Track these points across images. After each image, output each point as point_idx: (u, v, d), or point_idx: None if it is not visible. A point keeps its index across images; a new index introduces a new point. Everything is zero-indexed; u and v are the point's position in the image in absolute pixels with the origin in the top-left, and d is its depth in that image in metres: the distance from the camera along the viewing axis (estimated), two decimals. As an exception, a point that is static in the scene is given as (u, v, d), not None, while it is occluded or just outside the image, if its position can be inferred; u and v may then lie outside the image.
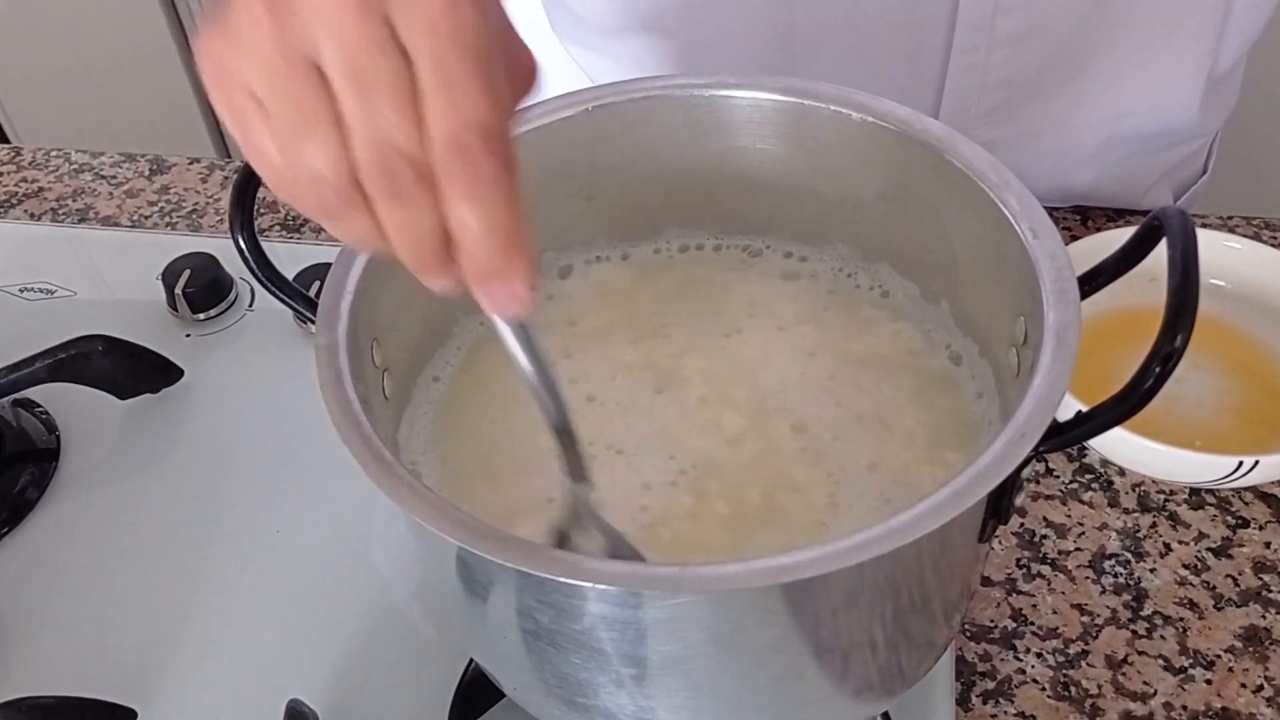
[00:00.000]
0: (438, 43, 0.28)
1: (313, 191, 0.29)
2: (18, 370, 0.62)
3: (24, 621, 0.57)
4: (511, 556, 0.33)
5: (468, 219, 0.29)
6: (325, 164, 0.29)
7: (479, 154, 0.28)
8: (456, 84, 0.28)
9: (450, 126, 0.28)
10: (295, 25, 0.28)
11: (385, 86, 0.28)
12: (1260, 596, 0.55)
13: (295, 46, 0.28)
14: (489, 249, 0.29)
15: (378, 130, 0.28)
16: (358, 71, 0.28)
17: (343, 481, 0.60)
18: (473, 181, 0.28)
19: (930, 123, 0.44)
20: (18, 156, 0.86)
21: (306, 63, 0.28)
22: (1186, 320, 0.33)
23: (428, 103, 0.28)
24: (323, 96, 0.28)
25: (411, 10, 0.28)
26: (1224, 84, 0.71)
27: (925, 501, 0.34)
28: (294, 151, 0.29)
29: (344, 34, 0.28)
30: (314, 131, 0.28)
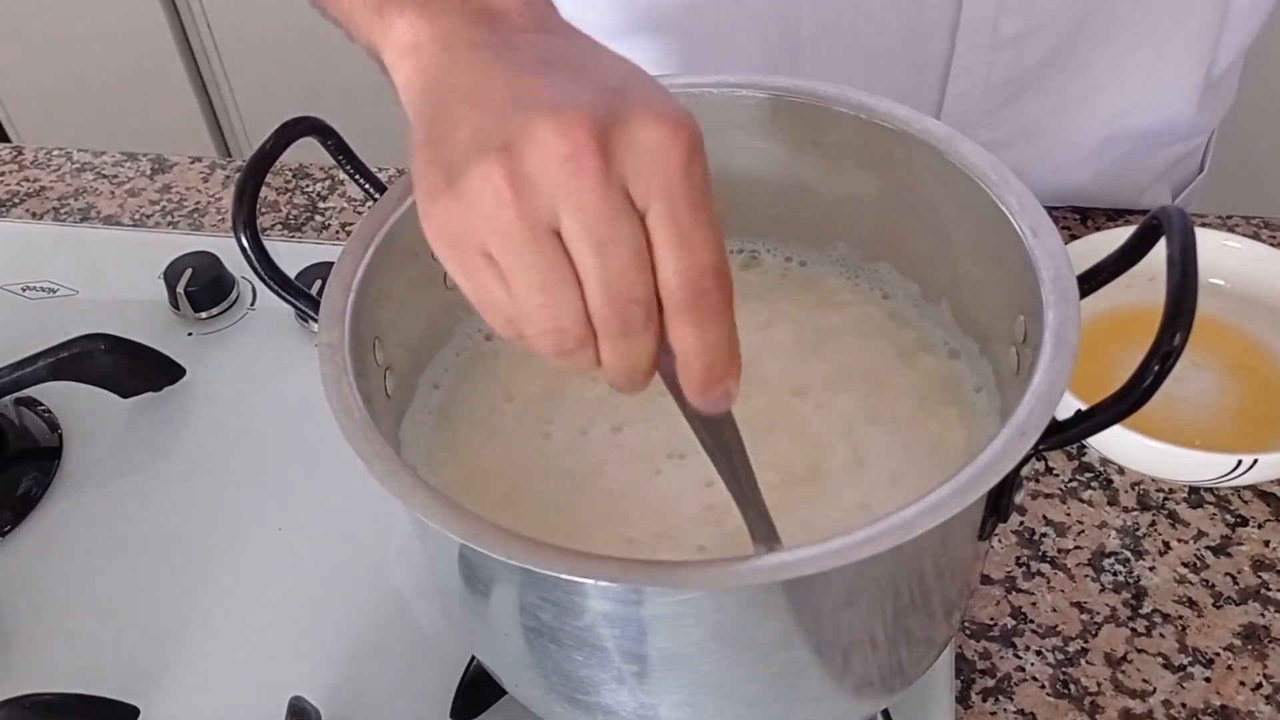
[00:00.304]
0: (674, 203, 0.30)
1: (552, 340, 0.32)
2: (20, 369, 0.62)
3: (27, 619, 0.57)
4: (514, 553, 0.33)
5: (696, 343, 0.32)
6: (568, 318, 0.31)
7: (713, 293, 0.31)
8: (692, 238, 0.31)
9: (687, 274, 0.31)
10: (537, 200, 0.30)
11: (625, 249, 0.30)
12: (1259, 595, 0.55)
13: (538, 218, 0.30)
14: (717, 365, 0.32)
15: (617, 286, 0.31)
16: (599, 239, 0.30)
17: (344, 479, 0.60)
18: (706, 315, 0.31)
19: (930, 122, 0.44)
20: (19, 156, 0.86)
21: (548, 231, 0.31)
22: (1186, 318, 0.33)
23: (662, 252, 0.31)
24: (563, 260, 0.31)
25: (650, 179, 0.30)
26: (1222, 83, 0.71)
27: (925, 499, 0.34)
28: (536, 308, 0.31)
29: (586, 206, 0.30)
30: (556, 291, 0.31)
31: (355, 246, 0.42)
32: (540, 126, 0.30)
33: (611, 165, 0.30)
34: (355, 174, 0.44)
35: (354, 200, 0.81)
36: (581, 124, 0.29)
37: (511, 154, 0.30)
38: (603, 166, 0.30)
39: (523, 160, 0.30)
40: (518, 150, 0.30)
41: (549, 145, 0.30)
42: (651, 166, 0.30)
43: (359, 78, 1.57)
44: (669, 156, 0.30)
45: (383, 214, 0.43)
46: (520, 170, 0.30)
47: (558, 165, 0.30)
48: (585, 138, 0.29)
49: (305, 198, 0.81)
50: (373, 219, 0.43)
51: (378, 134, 0.88)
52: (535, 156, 0.30)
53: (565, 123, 0.30)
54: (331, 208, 0.80)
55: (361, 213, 0.79)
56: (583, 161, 0.29)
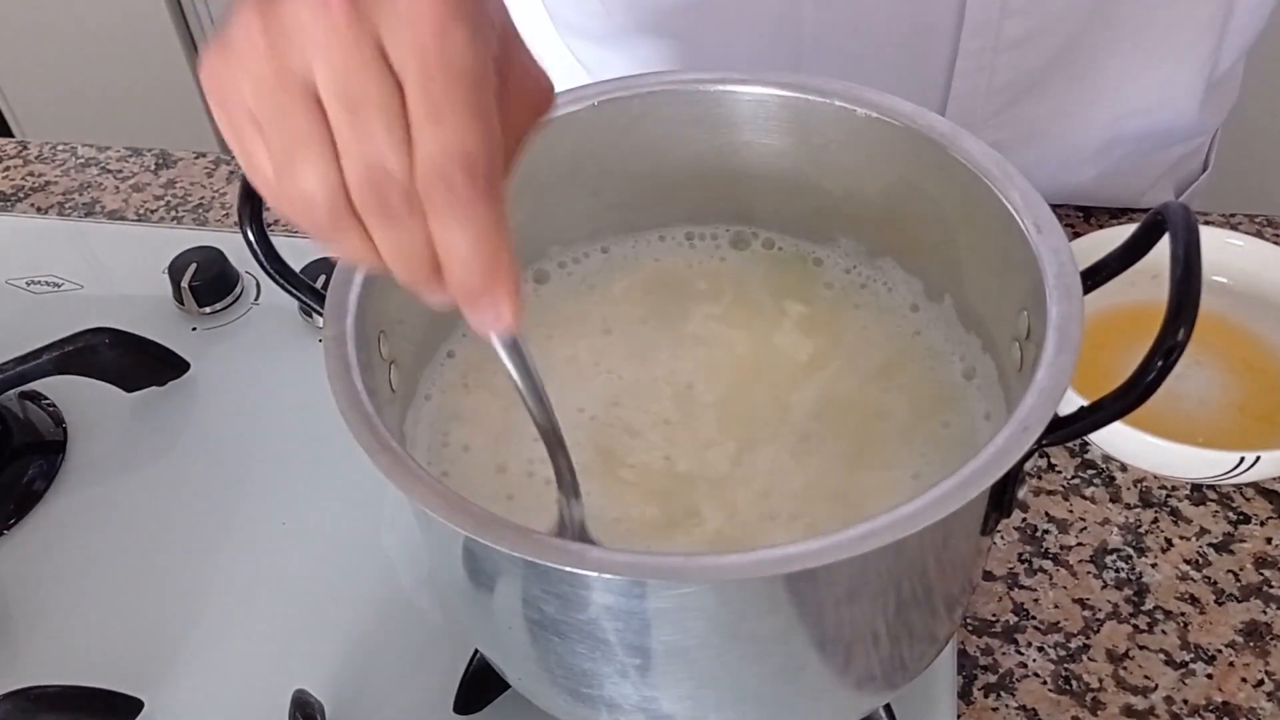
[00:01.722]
0: (425, 68, 0.28)
1: (306, 210, 0.29)
2: (25, 363, 0.62)
3: (31, 612, 0.57)
4: (518, 546, 0.33)
5: (450, 243, 0.29)
6: (317, 184, 0.29)
7: (461, 182, 0.28)
8: (442, 111, 0.28)
9: (433, 153, 0.28)
10: (288, 46, 0.28)
11: (375, 109, 0.28)
12: (1261, 592, 0.55)
13: (289, 67, 0.28)
14: (471, 271, 0.29)
15: (368, 153, 0.28)
16: (348, 94, 0.28)
17: (348, 473, 0.60)
18: (454, 207, 0.29)
19: (935, 118, 0.44)
20: (24, 150, 0.86)
21: (301, 83, 0.28)
22: (1189, 314, 0.33)
23: (414, 128, 0.28)
24: (316, 117, 0.28)
25: (400, 33, 0.28)
26: (1225, 82, 0.71)
27: (928, 494, 0.34)
28: (288, 171, 0.29)
29: (334, 56, 0.28)
30: (307, 152, 0.29)
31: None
32: None
33: (364, 16, 0.27)
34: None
35: (358, 196, 0.81)
36: None
37: (270, 2, 0.28)
38: (353, 13, 0.27)
39: (278, 5, 0.28)
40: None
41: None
42: (405, 25, 0.28)
43: (363, 74, 1.58)
44: (424, 14, 0.28)
45: (388, 208, 0.43)
46: (274, 14, 0.28)
47: (309, 10, 0.28)
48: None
49: (309, 193, 0.81)
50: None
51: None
52: (293, 5, 0.28)
53: None
54: (335, 203, 0.80)
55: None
56: (334, 12, 0.27)
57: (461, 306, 0.31)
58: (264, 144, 0.29)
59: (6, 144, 0.87)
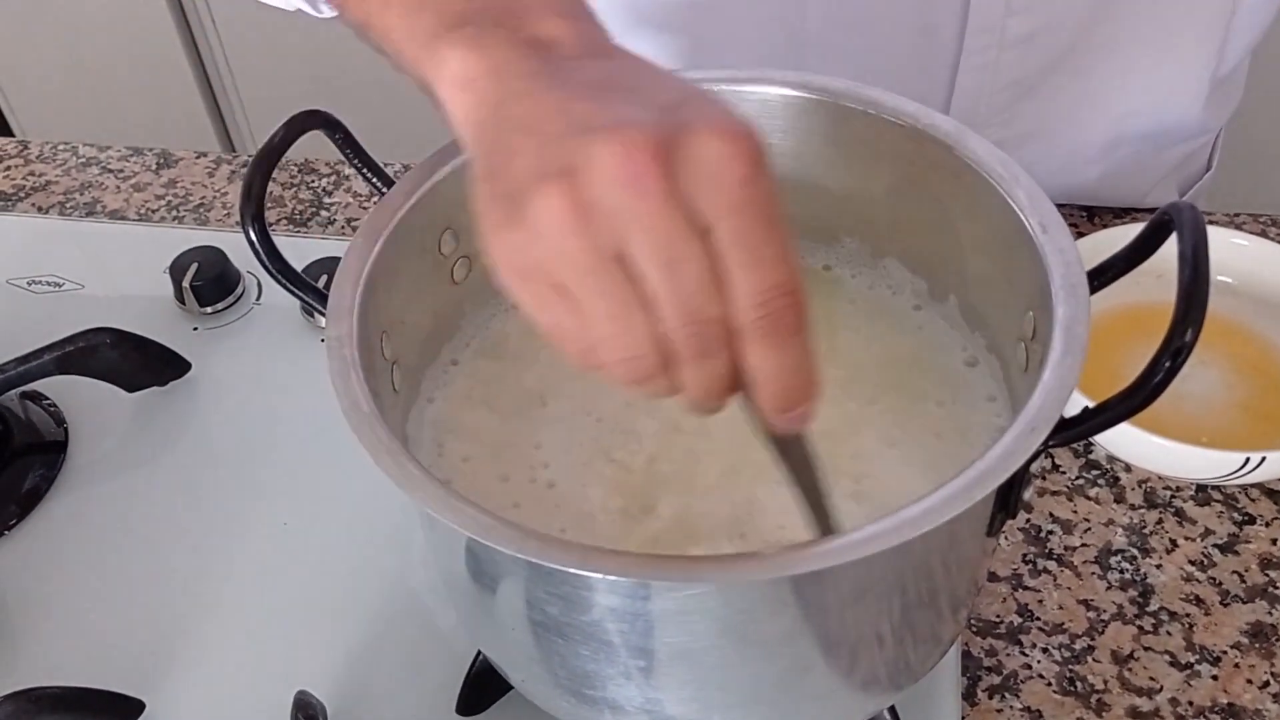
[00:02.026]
0: (739, 219, 0.30)
1: (627, 366, 0.32)
2: (26, 363, 0.62)
3: (32, 612, 0.57)
4: (523, 548, 0.33)
5: (773, 367, 0.31)
6: (642, 345, 0.31)
7: (786, 314, 0.31)
8: (761, 256, 0.30)
9: (758, 293, 0.30)
10: (602, 225, 0.30)
11: (695, 267, 0.30)
12: (1266, 593, 0.55)
13: (604, 244, 0.30)
14: (794, 388, 0.32)
15: (689, 307, 0.30)
16: (668, 259, 0.30)
17: (350, 474, 0.60)
18: (779, 336, 0.31)
19: (939, 118, 0.44)
20: (25, 150, 0.86)
21: (615, 256, 0.30)
22: (1197, 314, 0.33)
23: (733, 273, 0.30)
24: (630, 284, 0.31)
25: (711, 194, 0.29)
26: (1228, 82, 0.71)
27: (935, 495, 0.34)
28: (610, 336, 0.31)
29: (653, 228, 0.29)
30: (628, 318, 0.31)
31: (363, 241, 0.42)
32: (599, 149, 0.29)
33: (674, 183, 0.29)
34: (363, 168, 0.44)
35: (359, 196, 0.80)
36: (641, 144, 0.29)
37: (573, 180, 0.29)
38: (666, 186, 0.29)
39: (585, 186, 0.29)
40: (579, 176, 0.29)
41: (610, 168, 0.29)
42: (714, 182, 0.29)
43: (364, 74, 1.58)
44: (731, 170, 0.29)
45: (390, 208, 0.43)
46: (582, 196, 0.29)
47: (620, 188, 0.29)
48: (646, 158, 0.29)
49: (311, 193, 0.81)
50: (380, 213, 0.43)
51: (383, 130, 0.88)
52: (597, 181, 0.29)
53: (624, 143, 0.29)
54: (337, 203, 0.80)
55: (367, 209, 0.79)
56: (645, 182, 0.29)
57: (771, 416, 0.33)
58: (576, 313, 0.31)
59: (7, 143, 0.87)
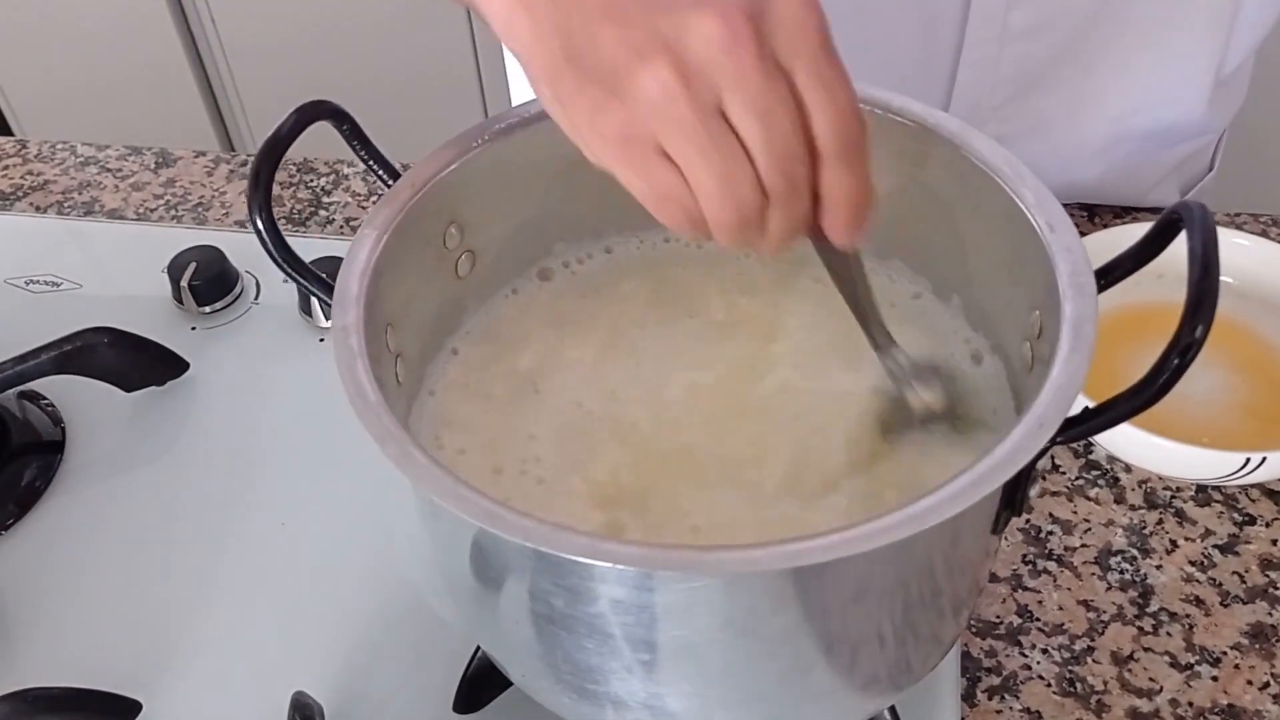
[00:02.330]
0: (811, 55, 0.34)
1: (735, 215, 0.35)
2: (24, 362, 0.62)
3: (30, 613, 0.57)
4: (531, 536, 0.32)
5: (849, 184, 0.36)
6: (746, 191, 0.35)
7: (858, 132, 0.35)
8: (833, 87, 0.35)
9: (836, 121, 0.35)
10: (704, 87, 0.33)
11: (786, 114, 0.34)
12: (1267, 593, 0.55)
13: (707, 103, 0.34)
14: (860, 204, 0.37)
15: (781, 151, 0.34)
16: (763, 110, 0.34)
17: (348, 473, 0.60)
18: (855, 153, 0.35)
19: (944, 117, 0.44)
20: (24, 149, 0.86)
21: (717, 114, 0.34)
22: (1207, 312, 0.33)
23: (813, 106, 0.34)
24: (733, 138, 0.34)
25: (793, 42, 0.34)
26: (1231, 82, 0.71)
27: (941, 490, 0.33)
28: (719, 189, 0.35)
29: (749, 83, 0.33)
30: (734, 167, 0.34)
31: (369, 232, 0.42)
32: (695, 21, 0.33)
33: (763, 42, 0.33)
34: (370, 160, 0.44)
35: (358, 195, 0.80)
36: (734, 13, 0.33)
37: (675, 50, 0.33)
38: (759, 46, 0.33)
39: (687, 54, 0.33)
40: (679, 46, 0.33)
41: (709, 35, 0.33)
42: (796, 36, 0.34)
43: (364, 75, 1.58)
44: (809, 25, 0.34)
45: (397, 201, 0.43)
46: (686, 63, 0.33)
47: (720, 51, 0.33)
48: (740, 23, 0.33)
49: (309, 192, 0.81)
50: (388, 205, 0.43)
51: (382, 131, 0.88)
52: (698, 48, 0.33)
53: (719, 13, 0.33)
54: (335, 202, 0.80)
55: (365, 208, 0.79)
56: (742, 43, 0.33)
57: (836, 234, 0.37)
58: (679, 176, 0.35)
59: (6, 143, 0.87)
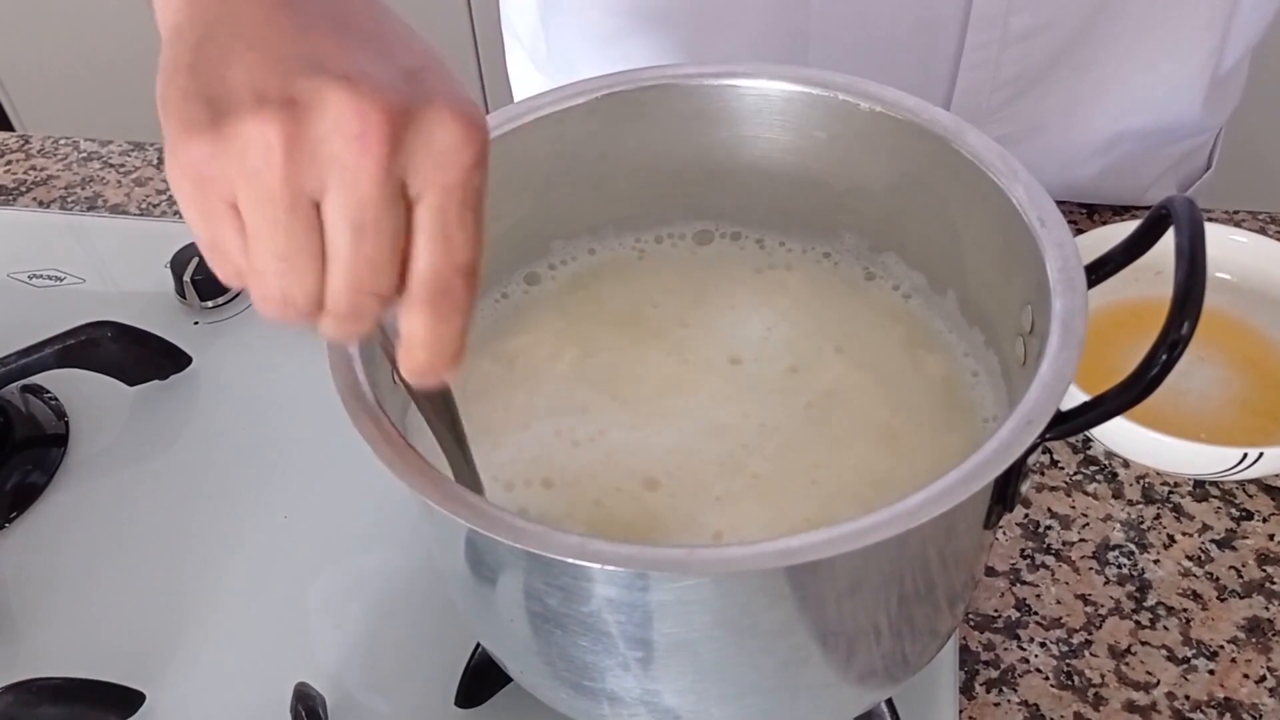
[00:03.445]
0: (449, 203, 0.30)
1: (276, 308, 0.31)
2: (27, 356, 0.62)
3: (33, 605, 0.57)
4: (521, 538, 0.33)
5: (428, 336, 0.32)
6: (300, 293, 0.30)
7: (459, 292, 0.31)
8: (452, 235, 0.30)
9: (441, 272, 0.30)
10: (308, 167, 0.29)
11: (385, 240, 0.29)
12: (1264, 588, 0.55)
13: (302, 186, 0.29)
14: (440, 357, 0.32)
15: (361, 275, 0.30)
16: (361, 224, 0.29)
17: (350, 467, 0.60)
18: (447, 309, 0.31)
19: (938, 112, 0.44)
20: (26, 145, 0.86)
21: (308, 200, 0.29)
22: (1193, 307, 0.33)
23: (422, 245, 0.30)
24: (314, 232, 0.29)
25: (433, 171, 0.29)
26: (1228, 80, 0.71)
27: (932, 486, 0.34)
28: (272, 273, 0.30)
29: (360, 189, 0.29)
30: (297, 263, 0.30)
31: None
32: (334, 95, 0.28)
33: (397, 152, 0.29)
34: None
35: (360, 191, 0.81)
36: (379, 105, 0.28)
37: (296, 115, 0.28)
38: (388, 152, 0.28)
39: (307, 125, 0.28)
40: (304, 113, 0.28)
41: (339, 118, 0.28)
42: (438, 162, 0.29)
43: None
44: (459, 156, 0.29)
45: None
46: (301, 134, 0.28)
47: (343, 140, 0.28)
48: (379, 120, 0.28)
49: (311, 188, 0.81)
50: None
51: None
52: (321, 125, 0.28)
53: (362, 99, 0.28)
54: (338, 198, 0.80)
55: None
56: (369, 143, 0.28)
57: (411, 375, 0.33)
58: (242, 237, 0.30)
59: (9, 138, 0.87)
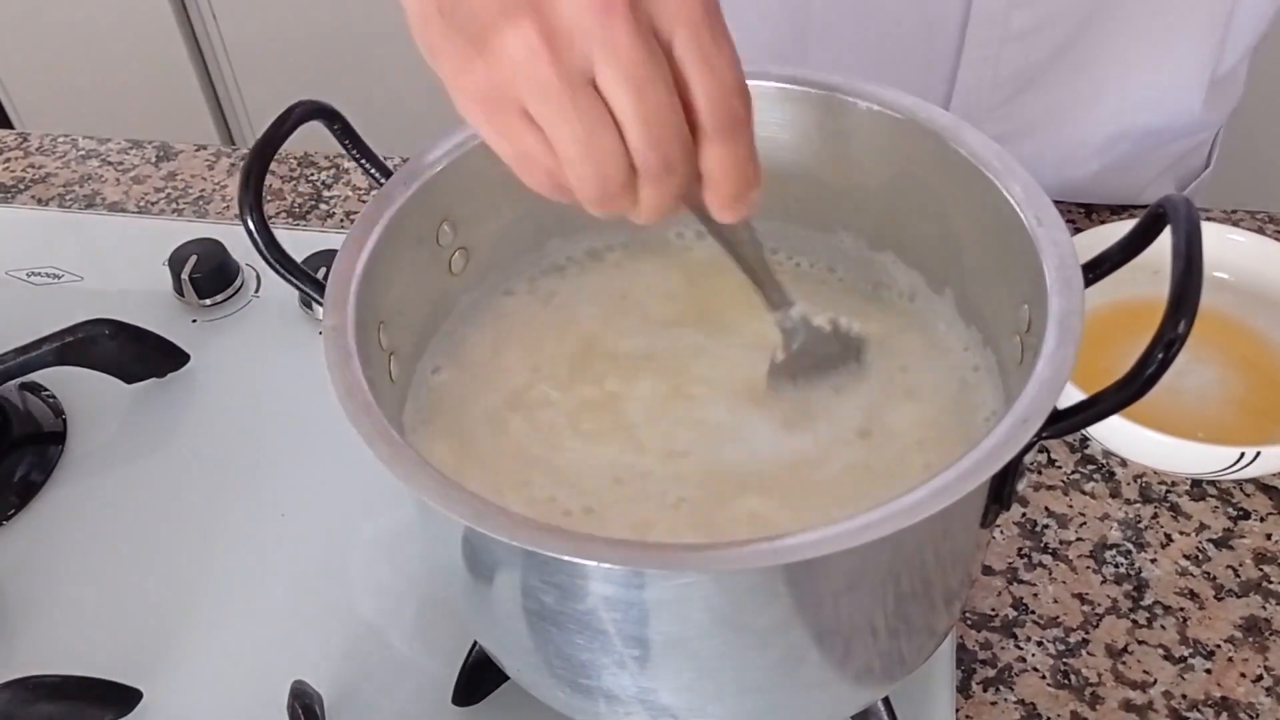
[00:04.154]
0: (698, 32, 0.32)
1: (597, 185, 0.34)
2: (25, 353, 0.62)
3: (30, 602, 0.57)
4: (517, 535, 0.33)
5: (731, 159, 0.34)
6: (611, 163, 0.33)
7: (741, 108, 0.33)
8: (714, 60, 0.33)
9: (717, 96, 0.33)
10: (572, 51, 0.32)
11: (661, 88, 0.32)
12: (1260, 587, 0.55)
13: (574, 68, 0.32)
14: (743, 182, 0.35)
15: (654, 125, 0.32)
16: (636, 81, 0.32)
17: (347, 465, 0.60)
18: (738, 130, 0.34)
19: (936, 111, 0.44)
20: (25, 142, 0.86)
21: (584, 81, 0.32)
22: (1189, 307, 0.33)
23: (693, 80, 0.32)
24: (601, 107, 0.32)
25: (674, 10, 0.32)
26: (1227, 80, 0.71)
27: (928, 485, 0.34)
28: (580, 156, 0.33)
29: (621, 51, 0.31)
30: (598, 137, 0.33)
31: (360, 231, 0.42)
32: None
33: (640, 9, 0.31)
34: (361, 159, 0.44)
35: (359, 189, 0.81)
36: None
37: (542, 11, 0.31)
38: (631, 11, 0.31)
39: (555, 14, 0.31)
40: (548, 6, 0.31)
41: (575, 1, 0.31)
42: (676, 3, 0.32)
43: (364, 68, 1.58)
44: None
45: (388, 199, 0.43)
46: (554, 24, 0.31)
47: (590, 15, 0.31)
48: None
49: (310, 186, 0.81)
50: (378, 204, 0.43)
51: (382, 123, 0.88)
52: (567, 9, 0.31)
53: None
54: (336, 196, 0.80)
55: (365, 202, 0.79)
56: (615, 9, 0.31)
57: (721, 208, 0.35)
58: (542, 139, 0.33)
59: (7, 135, 0.87)
